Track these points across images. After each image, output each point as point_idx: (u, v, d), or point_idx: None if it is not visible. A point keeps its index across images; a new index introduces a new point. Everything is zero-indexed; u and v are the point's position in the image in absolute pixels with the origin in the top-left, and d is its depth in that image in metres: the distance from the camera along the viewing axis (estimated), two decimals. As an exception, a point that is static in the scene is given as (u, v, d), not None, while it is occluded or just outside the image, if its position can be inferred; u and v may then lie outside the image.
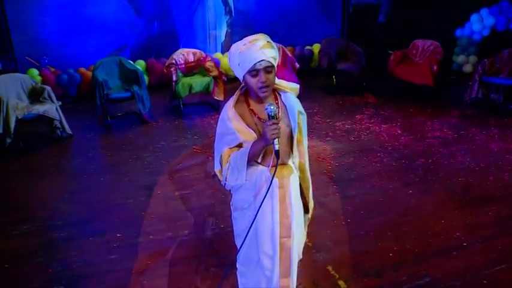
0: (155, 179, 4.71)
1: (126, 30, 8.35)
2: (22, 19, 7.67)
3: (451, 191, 4.29)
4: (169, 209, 4.10)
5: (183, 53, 7.08)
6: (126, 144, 5.69)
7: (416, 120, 6.24)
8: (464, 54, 8.60)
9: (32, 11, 7.70)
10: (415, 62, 7.42)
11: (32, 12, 7.71)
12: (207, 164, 5.02)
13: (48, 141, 5.75)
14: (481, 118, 6.27)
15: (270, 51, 2.11)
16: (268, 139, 2.08)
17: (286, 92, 2.30)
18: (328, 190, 4.37)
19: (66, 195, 4.38)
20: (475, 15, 8.25)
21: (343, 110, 6.89)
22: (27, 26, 7.71)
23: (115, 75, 6.56)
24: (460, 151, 5.19)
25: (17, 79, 5.58)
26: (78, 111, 7.10)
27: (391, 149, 5.31)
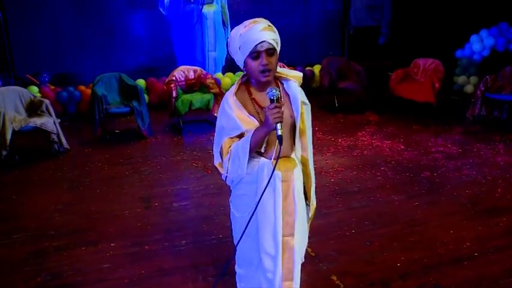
0: (153, 192, 4.58)
1: (127, 50, 8.38)
2: (24, 37, 7.71)
3: (459, 203, 4.15)
4: (166, 220, 3.95)
5: (184, 70, 7.06)
6: (124, 159, 5.58)
7: (419, 137, 6.14)
8: (465, 75, 8.59)
9: (34, 29, 7.74)
10: (417, 80, 7.39)
11: (33, 31, 7.75)
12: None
13: (44, 155, 5.64)
14: (485, 134, 6.17)
15: (271, 34, 2.03)
16: (270, 123, 1.97)
17: (288, 81, 2.21)
18: (331, 202, 4.23)
19: (60, 206, 4.24)
20: (475, 36, 8.28)
21: (345, 127, 6.81)
22: (29, 44, 7.74)
23: (114, 91, 6.51)
24: (466, 165, 5.07)
25: (15, 92, 5.52)
26: (76, 128, 7.02)
27: (395, 163, 5.19)
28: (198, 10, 8.28)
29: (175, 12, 8.29)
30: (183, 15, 8.33)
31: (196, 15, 8.31)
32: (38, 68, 7.71)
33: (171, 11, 8.28)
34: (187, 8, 8.25)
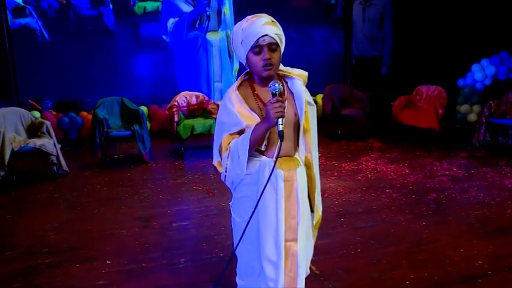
0: (152, 212, 4.45)
1: (130, 87, 8.35)
2: (29, 65, 7.77)
3: (467, 223, 4.01)
4: (165, 239, 3.82)
5: (186, 95, 7.06)
6: (124, 181, 5.48)
7: (424, 161, 6.05)
8: (467, 104, 8.56)
9: (39, 59, 7.81)
10: (420, 107, 7.37)
11: (38, 61, 7.81)
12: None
13: (43, 177, 5.55)
14: (490, 159, 6.07)
15: (273, 29, 1.99)
16: (271, 118, 1.89)
17: (292, 79, 2.15)
18: (335, 223, 4.10)
19: (56, 224, 4.12)
20: (476, 65, 8.31)
21: (348, 153, 6.72)
22: (33, 71, 7.79)
23: (116, 115, 6.49)
24: (473, 187, 4.95)
25: (16, 113, 5.50)
26: (77, 152, 6.96)
27: (400, 186, 5.08)
28: (202, 37, 8.36)
29: (178, 38, 8.35)
30: (187, 42, 8.37)
31: (200, 42, 8.37)
32: (41, 95, 7.73)
33: (174, 37, 8.34)
34: (191, 34, 8.31)
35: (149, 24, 8.30)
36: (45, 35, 7.83)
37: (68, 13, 7.89)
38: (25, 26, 7.75)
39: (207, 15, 8.21)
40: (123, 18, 8.15)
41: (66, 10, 7.88)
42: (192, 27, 8.29)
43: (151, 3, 8.26)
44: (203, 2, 8.12)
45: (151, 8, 8.26)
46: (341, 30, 9.54)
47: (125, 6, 8.13)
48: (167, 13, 8.21)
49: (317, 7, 9.25)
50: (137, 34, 8.30)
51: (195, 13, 8.22)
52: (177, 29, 8.28)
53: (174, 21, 8.22)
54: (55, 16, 7.84)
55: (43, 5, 7.75)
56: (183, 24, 8.22)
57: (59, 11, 7.85)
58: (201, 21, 8.28)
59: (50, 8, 7.79)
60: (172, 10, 8.19)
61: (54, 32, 7.87)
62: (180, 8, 8.17)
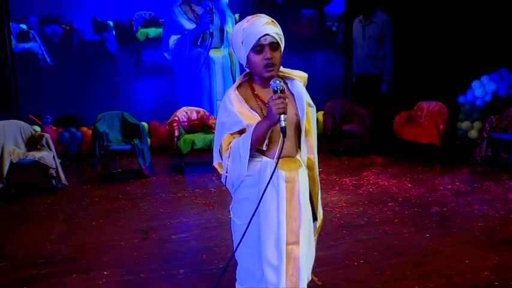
0: (151, 224, 4.39)
1: (131, 93, 8.38)
2: (30, 83, 7.77)
3: (472, 235, 3.94)
4: (164, 250, 3.75)
5: (186, 110, 7.04)
6: (123, 195, 5.42)
7: (426, 176, 5.99)
8: (468, 120, 8.55)
9: (41, 79, 7.81)
10: (421, 123, 7.35)
11: (40, 80, 7.80)
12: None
13: (41, 190, 5.48)
14: (493, 173, 6.02)
15: (274, 28, 1.98)
16: (273, 114, 1.87)
17: (293, 80, 2.13)
18: (338, 234, 4.03)
19: (54, 236, 4.06)
20: (476, 81, 8.33)
21: (349, 168, 6.68)
22: (34, 88, 7.79)
23: (116, 129, 6.46)
24: (476, 200, 4.89)
25: (16, 126, 5.48)
26: (76, 167, 6.90)
27: (402, 200, 5.02)
28: (205, 54, 8.37)
29: (180, 56, 8.34)
30: (189, 60, 8.33)
31: (203, 59, 8.37)
32: (41, 110, 7.73)
33: (176, 55, 8.31)
34: (193, 52, 8.27)
35: (151, 50, 8.30)
36: (48, 59, 7.81)
37: (71, 38, 7.91)
38: (28, 50, 7.75)
39: (210, 33, 8.18)
40: (125, 44, 8.16)
41: (70, 35, 7.89)
42: (195, 45, 8.25)
43: (153, 29, 8.29)
44: (206, 20, 8.11)
45: (154, 34, 8.29)
46: (342, 55, 9.62)
47: (128, 32, 8.15)
48: (169, 30, 8.20)
49: (319, 34, 9.29)
50: (139, 60, 8.29)
51: (197, 30, 8.19)
52: (179, 46, 8.24)
53: (176, 39, 8.20)
54: (58, 42, 7.85)
55: (47, 31, 7.77)
56: (185, 41, 8.21)
57: (62, 36, 7.87)
58: (203, 38, 8.26)
59: (54, 34, 7.81)
60: (174, 27, 8.18)
61: (56, 56, 7.85)
62: (182, 25, 8.16)
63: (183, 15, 8.15)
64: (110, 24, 8.07)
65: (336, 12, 9.37)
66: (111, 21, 8.06)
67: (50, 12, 7.78)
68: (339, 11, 9.40)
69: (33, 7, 7.69)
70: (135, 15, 8.18)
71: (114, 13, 8.06)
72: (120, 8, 8.08)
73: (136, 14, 8.19)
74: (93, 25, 8.01)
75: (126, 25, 8.17)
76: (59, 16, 7.82)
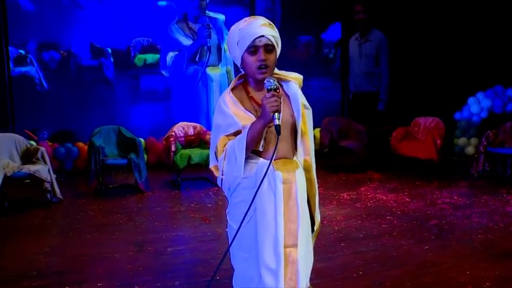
0: (146, 237, 4.32)
1: (126, 109, 8.32)
2: (27, 100, 7.73)
3: (471, 247, 3.90)
4: (159, 262, 3.68)
5: (183, 126, 7.03)
6: (119, 209, 5.36)
7: (424, 191, 5.96)
8: (465, 137, 8.56)
9: (36, 102, 7.76)
10: (418, 139, 7.36)
11: (35, 103, 7.76)
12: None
13: (35, 204, 5.41)
14: (491, 187, 6.00)
15: (270, 31, 1.98)
16: (267, 113, 1.85)
17: (288, 82, 2.12)
18: (336, 247, 3.98)
19: (47, 249, 3.98)
20: (472, 98, 8.38)
21: (347, 183, 6.64)
22: (31, 105, 7.75)
23: (112, 144, 6.43)
24: (475, 213, 4.85)
25: (11, 139, 5.44)
26: (72, 182, 6.83)
27: (401, 213, 4.97)
28: (202, 71, 8.39)
29: (178, 73, 8.28)
30: (186, 77, 8.31)
31: (200, 76, 8.38)
32: (38, 126, 7.70)
33: (173, 72, 8.26)
34: (190, 69, 8.26)
35: (149, 76, 8.26)
36: (44, 83, 7.74)
37: (68, 63, 7.86)
38: (24, 74, 7.67)
39: (207, 47, 8.17)
40: (123, 69, 8.10)
41: (67, 60, 7.84)
42: (192, 62, 8.25)
43: (151, 55, 8.24)
44: (203, 34, 8.13)
45: (152, 60, 8.24)
46: (339, 81, 9.68)
47: (125, 57, 8.11)
48: (166, 47, 8.22)
49: (316, 61, 9.35)
50: (137, 85, 8.23)
51: (195, 46, 8.21)
52: (176, 63, 8.23)
53: (174, 55, 8.21)
54: (55, 67, 7.79)
55: (44, 56, 7.72)
56: (182, 58, 8.22)
57: (59, 62, 7.82)
58: (201, 55, 8.28)
59: (51, 60, 7.76)
60: (171, 44, 8.19)
61: (53, 81, 7.78)
62: (179, 41, 8.18)
63: (180, 32, 8.19)
64: (108, 50, 8.01)
65: (332, 39, 9.44)
66: (109, 48, 8.00)
67: (48, 38, 7.75)
68: (336, 37, 9.47)
69: (32, 33, 7.65)
70: (133, 41, 8.14)
71: (112, 39, 8.02)
72: (119, 34, 8.03)
73: (135, 40, 8.16)
74: (91, 50, 7.95)
75: (124, 51, 8.11)
76: (57, 42, 7.78)
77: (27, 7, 7.60)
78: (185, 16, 8.24)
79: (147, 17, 8.11)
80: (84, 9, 7.83)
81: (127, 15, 8.01)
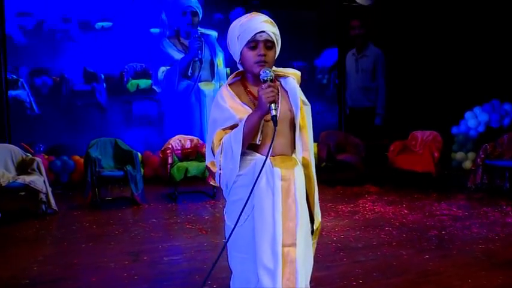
0: (142, 247, 4.25)
1: (120, 125, 8.24)
2: (24, 115, 7.68)
3: (473, 256, 3.84)
4: (155, 271, 3.61)
5: (180, 138, 6.99)
6: (114, 220, 5.28)
7: (422, 203, 5.92)
8: (462, 151, 8.57)
9: (27, 111, 7.69)
10: (416, 152, 7.35)
11: (27, 125, 7.69)
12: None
13: (30, 215, 5.33)
14: (490, 200, 5.96)
15: (271, 28, 1.97)
16: (263, 103, 1.83)
17: (286, 77, 2.10)
18: (335, 257, 3.92)
19: (40, 257, 3.90)
20: (469, 112, 8.42)
21: (345, 196, 6.59)
22: (28, 118, 7.69)
23: (109, 156, 6.38)
24: (475, 224, 4.81)
25: (7, 149, 5.40)
26: (67, 195, 6.76)
27: (400, 225, 4.92)
28: (194, 86, 8.38)
29: (170, 88, 8.20)
30: (179, 92, 8.25)
31: (193, 91, 8.31)
32: (34, 139, 7.64)
33: (165, 87, 8.20)
34: (182, 83, 8.21)
35: (142, 102, 8.18)
36: (35, 108, 7.63)
37: (60, 88, 7.76)
38: (15, 98, 7.54)
39: (199, 59, 8.16)
40: (115, 94, 8.02)
41: (59, 85, 7.74)
42: (184, 77, 8.22)
43: (144, 80, 8.16)
44: (195, 47, 8.12)
45: (145, 85, 8.16)
46: (335, 104, 9.72)
47: (118, 82, 8.03)
48: (158, 61, 8.16)
49: (310, 86, 9.26)
50: (129, 110, 8.14)
51: (186, 60, 8.18)
52: (168, 77, 8.19)
53: (165, 70, 8.17)
54: (47, 92, 7.69)
55: (36, 82, 7.62)
56: (174, 72, 8.19)
57: (51, 87, 7.71)
58: (193, 69, 8.25)
59: (43, 85, 7.65)
60: (162, 58, 8.16)
61: (44, 105, 7.68)
62: (171, 55, 8.17)
63: (172, 46, 8.19)
64: (101, 75, 7.91)
65: (326, 64, 9.47)
66: (102, 73, 7.91)
67: (40, 65, 7.64)
68: (329, 63, 9.50)
69: (24, 60, 7.55)
70: (126, 66, 8.06)
71: (105, 64, 7.93)
72: (112, 59, 7.95)
73: (128, 65, 8.08)
74: (83, 75, 7.86)
75: (117, 76, 8.04)
76: (49, 68, 7.68)
77: (21, 41, 7.51)
78: (177, 32, 8.25)
79: (140, 43, 8.06)
80: (76, 42, 7.78)
81: (120, 41, 7.96)
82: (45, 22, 7.63)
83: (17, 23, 7.49)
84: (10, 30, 7.45)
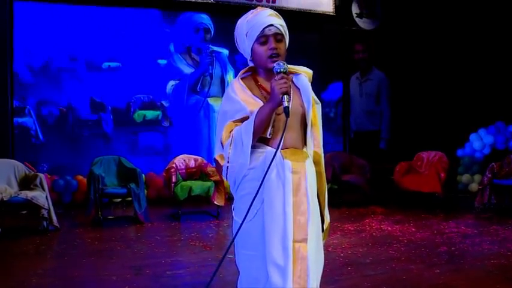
0: (145, 262, 4.15)
1: (125, 154, 8.19)
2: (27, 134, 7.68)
3: (485, 270, 3.74)
4: (157, 285, 3.53)
5: (184, 158, 6.95)
6: (117, 237, 5.19)
7: (430, 222, 5.81)
8: (468, 173, 8.48)
9: (32, 139, 7.69)
10: (421, 172, 7.27)
11: (30, 140, 7.69)
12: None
13: (31, 231, 5.24)
14: (499, 219, 5.85)
15: (279, 20, 1.97)
16: (276, 94, 1.80)
17: (298, 74, 2.08)
18: (343, 270, 3.82)
19: (40, 271, 3.81)
20: (474, 134, 8.38)
21: (350, 217, 6.48)
22: (31, 141, 7.68)
23: (112, 174, 6.33)
24: (485, 241, 4.70)
25: (10, 165, 5.37)
26: (70, 214, 6.67)
27: (408, 242, 4.81)
28: (203, 101, 8.29)
29: (178, 102, 8.16)
30: (187, 106, 8.20)
31: (201, 106, 8.25)
32: (36, 158, 7.61)
33: (173, 101, 8.14)
34: (192, 99, 8.19)
35: (148, 133, 8.12)
36: (40, 136, 7.58)
37: (66, 118, 7.70)
38: (21, 125, 7.49)
39: (209, 74, 8.15)
40: (122, 125, 7.97)
41: (66, 115, 7.68)
42: (193, 92, 8.20)
43: (151, 112, 8.13)
44: (206, 61, 8.14)
45: (151, 116, 8.12)
46: (341, 136, 9.74)
47: (125, 113, 7.99)
48: (167, 75, 8.13)
49: None
50: (135, 141, 8.07)
51: (196, 74, 8.15)
52: (177, 91, 8.14)
53: (175, 84, 8.14)
54: (53, 122, 7.63)
55: (43, 112, 7.57)
56: (184, 86, 8.15)
57: (58, 117, 7.65)
58: (202, 84, 8.23)
59: (50, 115, 7.61)
60: (172, 72, 8.13)
61: (49, 135, 7.62)
62: (181, 70, 8.15)
63: (183, 61, 8.18)
64: (108, 105, 7.87)
65: (332, 98, 9.50)
66: (109, 103, 7.86)
67: (48, 97, 7.59)
68: (336, 97, 9.55)
69: (31, 92, 7.52)
70: (133, 97, 8.03)
71: (113, 95, 7.88)
72: (119, 90, 7.90)
73: (135, 96, 8.04)
74: (90, 105, 7.82)
75: (124, 106, 7.99)
76: (56, 99, 7.63)
77: (27, 79, 7.49)
78: (189, 49, 8.27)
79: (148, 74, 8.02)
80: (82, 81, 7.72)
81: (128, 76, 7.93)
82: (53, 61, 7.60)
83: (25, 62, 7.45)
84: (18, 69, 7.42)
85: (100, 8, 7.86)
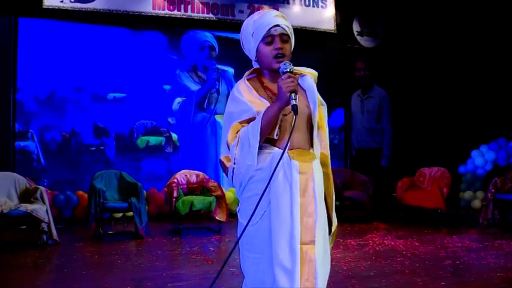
0: (146, 275, 4.09)
1: (127, 162, 8.17)
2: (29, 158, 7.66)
3: (491, 283, 3.68)
4: (159, 296, 3.45)
5: (186, 173, 6.92)
6: (117, 251, 5.12)
7: (433, 237, 5.75)
8: (471, 190, 8.44)
9: (33, 163, 7.67)
10: (424, 188, 7.24)
11: (32, 164, 7.67)
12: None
13: (31, 245, 5.18)
14: (503, 234, 5.79)
15: (284, 21, 1.98)
16: (284, 93, 1.80)
17: (304, 76, 2.09)
18: (347, 283, 3.76)
19: (39, 282, 3.76)
20: (475, 151, 8.37)
21: (353, 232, 6.41)
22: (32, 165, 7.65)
23: (113, 188, 6.30)
24: (491, 255, 4.64)
25: (11, 178, 5.34)
26: (69, 230, 6.61)
27: (411, 255, 4.76)
28: (210, 118, 8.22)
29: (185, 120, 8.10)
30: (194, 124, 8.14)
31: (208, 124, 8.21)
32: (37, 173, 7.59)
33: (180, 118, 8.09)
34: (198, 116, 8.13)
35: (151, 160, 8.06)
36: (42, 160, 7.54)
37: (69, 143, 7.65)
38: (23, 149, 7.45)
39: (216, 90, 8.12)
40: (124, 150, 7.91)
41: (69, 141, 7.63)
42: (200, 109, 8.14)
43: (154, 137, 8.08)
44: (212, 78, 8.13)
45: (155, 142, 8.08)
46: (343, 162, 9.73)
47: (128, 138, 7.94)
48: (174, 92, 8.09)
49: None
50: (138, 167, 7.99)
51: (203, 91, 8.13)
52: (183, 108, 8.10)
53: (181, 101, 8.10)
54: (56, 148, 7.58)
55: (46, 137, 7.55)
56: (190, 104, 8.11)
57: (61, 143, 7.61)
58: (209, 101, 8.19)
59: (53, 141, 7.57)
60: (179, 90, 8.10)
61: (51, 160, 7.58)
62: (187, 87, 8.12)
63: (189, 78, 8.16)
64: (111, 131, 7.83)
65: (336, 125, 9.51)
66: (112, 129, 7.82)
67: (51, 123, 7.57)
68: (339, 123, 9.58)
69: (35, 118, 7.51)
70: (136, 123, 7.98)
71: (116, 120, 7.84)
72: (123, 116, 7.86)
73: (138, 122, 7.99)
74: (93, 130, 7.78)
75: (127, 132, 7.94)
76: (60, 124, 7.60)
77: (31, 108, 7.48)
78: (194, 67, 8.25)
79: (153, 100, 7.97)
80: (86, 110, 7.70)
81: (133, 101, 7.90)
82: (58, 91, 7.58)
83: (30, 92, 7.45)
84: (22, 98, 7.41)
85: (105, 30, 7.83)
